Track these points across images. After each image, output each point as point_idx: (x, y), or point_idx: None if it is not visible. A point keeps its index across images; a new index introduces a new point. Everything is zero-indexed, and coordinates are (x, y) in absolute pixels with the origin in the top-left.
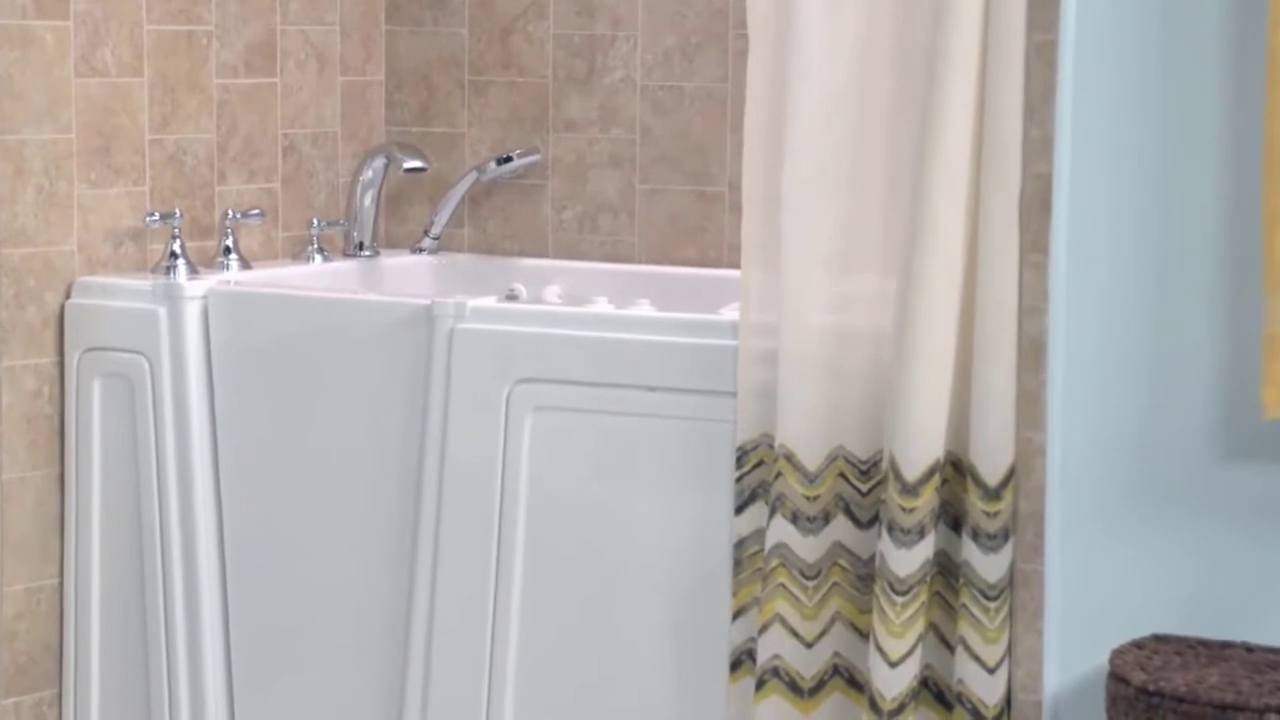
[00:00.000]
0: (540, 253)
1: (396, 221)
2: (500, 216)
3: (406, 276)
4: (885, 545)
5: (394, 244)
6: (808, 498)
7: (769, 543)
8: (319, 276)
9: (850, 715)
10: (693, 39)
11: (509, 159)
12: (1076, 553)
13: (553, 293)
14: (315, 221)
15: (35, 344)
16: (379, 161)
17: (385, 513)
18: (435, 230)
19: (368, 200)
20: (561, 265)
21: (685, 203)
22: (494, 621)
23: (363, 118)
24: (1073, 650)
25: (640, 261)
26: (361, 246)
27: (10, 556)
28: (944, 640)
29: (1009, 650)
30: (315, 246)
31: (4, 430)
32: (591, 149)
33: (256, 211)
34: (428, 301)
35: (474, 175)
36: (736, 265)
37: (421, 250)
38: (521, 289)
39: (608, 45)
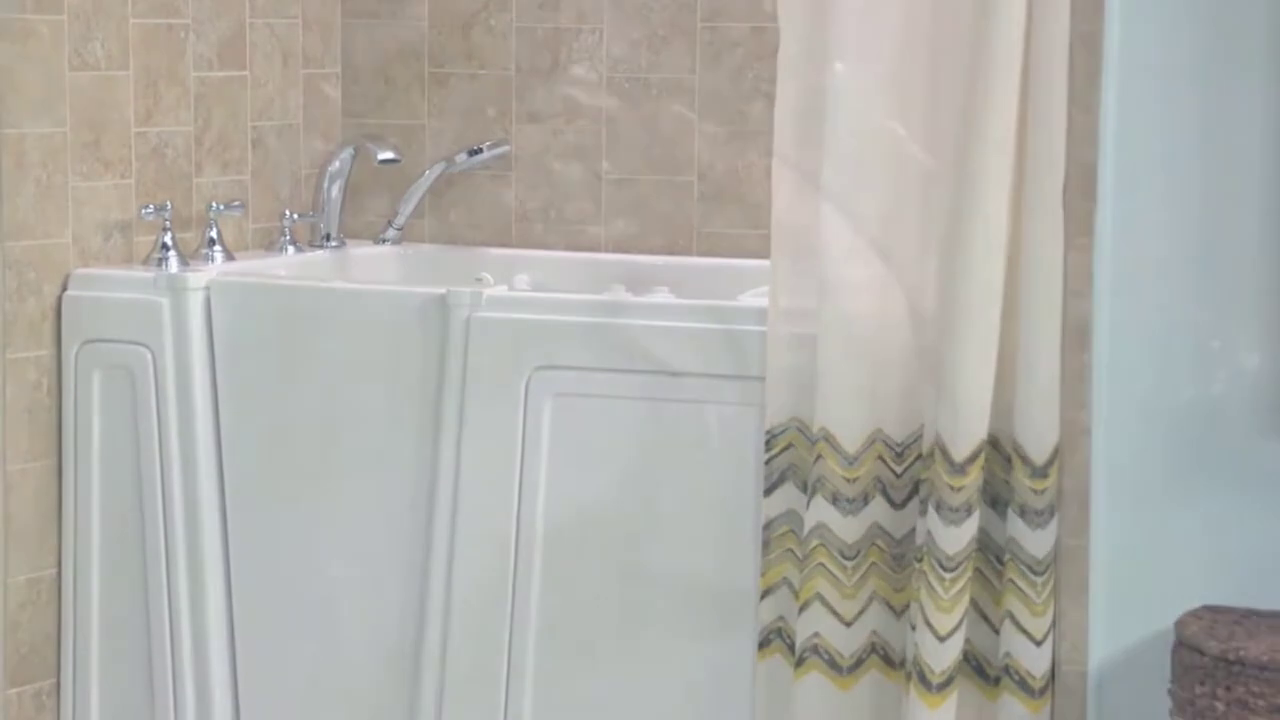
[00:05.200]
0: (503, 243)
1: (354, 212)
2: (463, 207)
3: (374, 266)
4: (933, 523)
5: (352, 235)
6: (847, 479)
7: (808, 524)
8: (295, 267)
9: (886, 691)
10: (660, 31)
11: (479, 150)
12: (1121, 528)
13: (522, 282)
14: (288, 213)
15: (35, 336)
16: (346, 153)
17: (398, 501)
18: (399, 221)
19: (335, 191)
20: (528, 254)
21: (652, 192)
22: (513, 612)
23: (321, 110)
24: (1117, 623)
25: (605, 251)
26: (328, 237)
27: (14, 548)
28: (983, 615)
29: (1054, 623)
30: (288, 238)
31: (7, 422)
32: (556, 140)
33: (237, 203)
34: (443, 290)
35: (442, 166)
36: (706, 253)
37: (385, 241)
38: (489, 278)
39: (572, 38)
